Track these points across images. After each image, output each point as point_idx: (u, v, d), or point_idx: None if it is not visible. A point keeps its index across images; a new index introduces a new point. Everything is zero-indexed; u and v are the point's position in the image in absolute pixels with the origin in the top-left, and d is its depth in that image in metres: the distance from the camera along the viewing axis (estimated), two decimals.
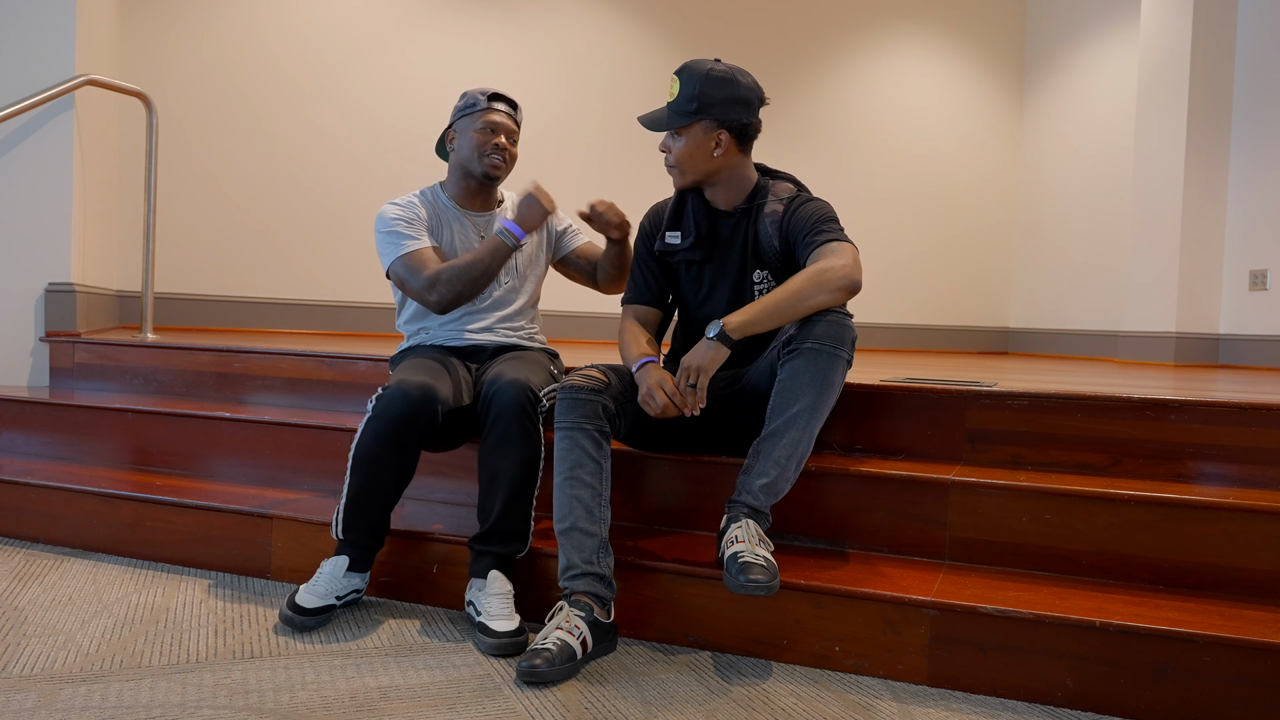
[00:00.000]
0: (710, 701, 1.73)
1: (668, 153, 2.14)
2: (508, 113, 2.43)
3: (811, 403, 1.91)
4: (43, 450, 3.08)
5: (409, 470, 2.12)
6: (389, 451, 2.06)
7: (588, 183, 5.88)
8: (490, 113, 2.40)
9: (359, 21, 5.31)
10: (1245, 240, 5.11)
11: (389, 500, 2.12)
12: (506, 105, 2.44)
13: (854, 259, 1.98)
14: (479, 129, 2.39)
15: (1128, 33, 5.90)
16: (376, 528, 2.13)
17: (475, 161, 2.40)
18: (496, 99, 2.42)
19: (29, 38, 3.51)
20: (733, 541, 1.85)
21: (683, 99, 2.09)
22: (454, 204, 2.47)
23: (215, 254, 5.02)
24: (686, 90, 2.08)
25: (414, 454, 2.11)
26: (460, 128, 2.43)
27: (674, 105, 2.11)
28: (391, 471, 2.08)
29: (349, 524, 2.11)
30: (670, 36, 6.08)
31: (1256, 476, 2.07)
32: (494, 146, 2.39)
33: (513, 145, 2.44)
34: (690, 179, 2.15)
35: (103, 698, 1.64)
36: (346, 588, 2.12)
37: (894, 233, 6.61)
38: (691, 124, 2.09)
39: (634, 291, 2.29)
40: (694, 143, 2.10)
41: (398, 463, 2.08)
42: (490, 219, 2.48)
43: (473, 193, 2.47)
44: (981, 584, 1.94)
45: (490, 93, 2.42)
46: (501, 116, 2.41)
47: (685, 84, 2.09)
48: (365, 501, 2.09)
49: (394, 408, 2.04)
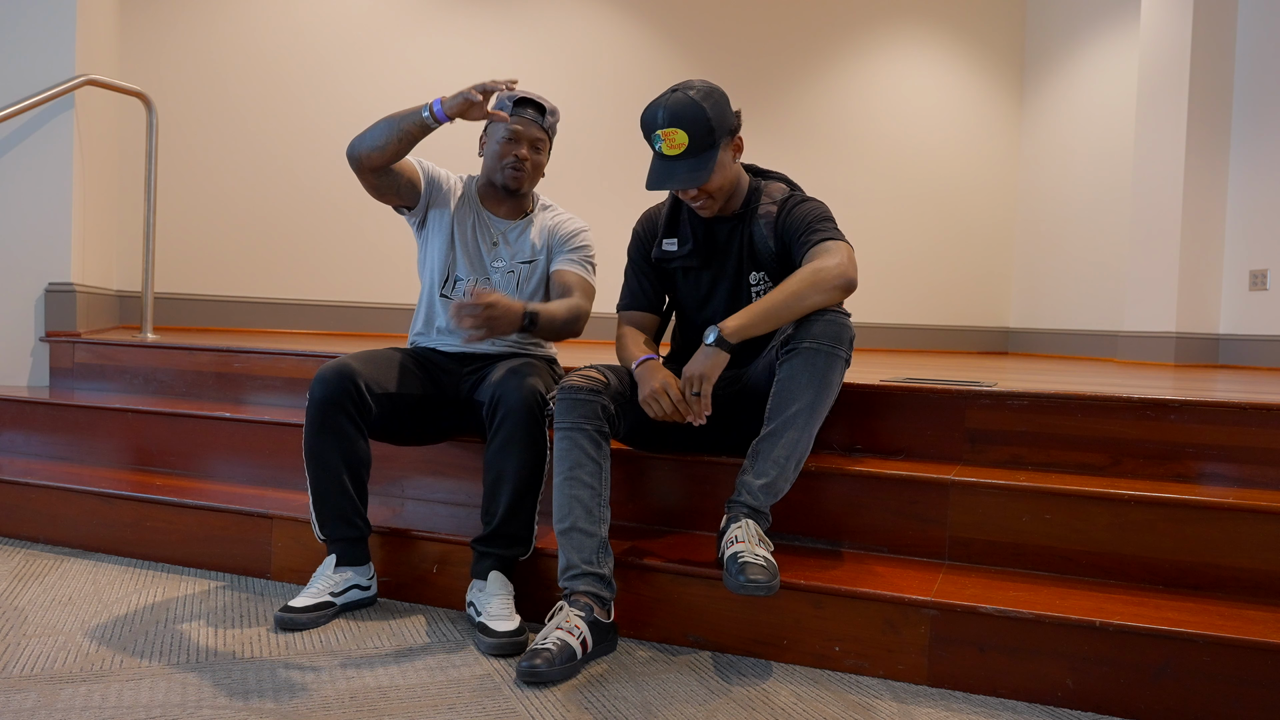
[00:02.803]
0: (710, 701, 1.73)
1: (699, 194, 2.05)
2: (534, 120, 2.33)
3: (810, 402, 1.91)
4: (43, 450, 3.08)
5: (357, 452, 2.14)
6: (323, 436, 2.11)
7: (589, 182, 5.88)
8: (516, 120, 2.32)
9: (359, 21, 5.31)
10: (1245, 240, 5.11)
11: (345, 486, 2.13)
12: (533, 111, 2.34)
13: (849, 258, 1.98)
14: (502, 138, 2.33)
15: (1128, 33, 5.90)
16: (347, 515, 2.14)
17: (498, 172, 2.35)
18: (522, 105, 2.33)
19: (29, 38, 3.51)
20: (732, 541, 1.85)
21: (699, 137, 1.98)
22: (480, 203, 2.43)
23: (215, 254, 5.02)
24: (698, 129, 1.98)
25: (352, 435, 2.12)
26: (490, 132, 2.38)
27: (694, 149, 1.99)
28: (334, 455, 2.11)
29: (320, 519, 2.15)
30: (671, 37, 6.08)
31: (1256, 476, 2.07)
32: (515, 158, 2.33)
33: (537, 154, 2.35)
34: (723, 201, 2.12)
35: (103, 698, 1.64)
36: (342, 584, 2.13)
37: (894, 233, 6.61)
38: (718, 153, 2.02)
39: (629, 298, 2.28)
40: (723, 167, 2.05)
41: (337, 446, 2.11)
42: (509, 226, 2.41)
43: (496, 198, 2.42)
44: (981, 584, 1.94)
45: (517, 98, 2.33)
46: (525, 125, 2.32)
47: (691, 125, 1.97)
48: (323, 491, 2.13)
49: (315, 393, 2.11)
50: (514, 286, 2.40)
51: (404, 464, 2.59)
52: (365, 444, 2.17)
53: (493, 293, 2.01)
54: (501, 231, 2.42)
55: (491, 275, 2.40)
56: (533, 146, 2.35)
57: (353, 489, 2.14)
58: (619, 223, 5.79)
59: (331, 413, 2.10)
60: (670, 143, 1.99)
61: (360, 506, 2.17)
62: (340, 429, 2.11)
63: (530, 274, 2.41)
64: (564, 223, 2.44)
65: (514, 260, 2.40)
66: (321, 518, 2.15)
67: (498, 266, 2.40)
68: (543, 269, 2.43)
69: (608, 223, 5.83)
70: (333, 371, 2.12)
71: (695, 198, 2.07)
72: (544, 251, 2.42)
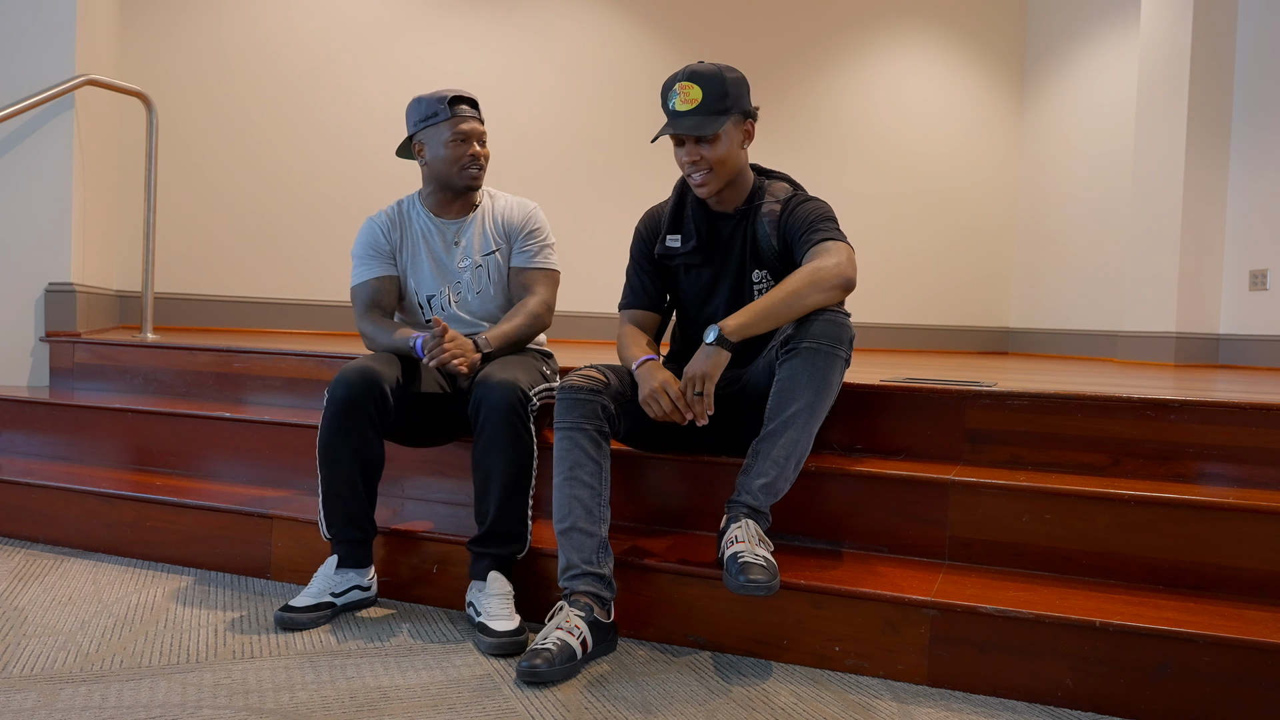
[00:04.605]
0: (710, 701, 1.73)
1: (700, 160, 2.06)
2: (474, 115, 2.34)
3: (810, 402, 1.91)
4: (43, 450, 3.08)
5: (372, 455, 2.14)
6: (341, 437, 2.10)
7: (590, 182, 5.88)
8: (458, 120, 2.31)
9: (359, 21, 5.31)
10: (1245, 240, 5.11)
11: (358, 488, 2.13)
12: (470, 107, 2.34)
13: (848, 257, 1.99)
14: (450, 140, 2.30)
15: (1128, 33, 5.90)
16: (355, 518, 2.14)
17: (455, 176, 2.34)
18: (459, 103, 2.32)
19: (29, 38, 3.51)
20: (732, 541, 1.85)
21: (713, 99, 2.03)
22: (429, 213, 2.42)
23: (215, 254, 5.02)
24: (713, 90, 2.03)
25: (370, 438, 2.12)
26: (426, 138, 2.33)
27: (706, 108, 2.03)
28: (349, 457, 2.10)
29: (328, 519, 2.15)
30: (671, 37, 6.07)
31: (1256, 476, 2.07)
32: (470, 158, 2.33)
33: (484, 147, 2.37)
34: (723, 182, 2.10)
35: (103, 698, 1.64)
36: (342, 585, 2.13)
37: (894, 233, 6.61)
38: (727, 122, 2.05)
39: (631, 296, 2.28)
40: (730, 140, 2.07)
41: (354, 447, 2.10)
42: (461, 225, 2.41)
43: (449, 202, 2.41)
44: (981, 584, 1.94)
45: (449, 97, 2.31)
46: (470, 123, 2.32)
47: (708, 85, 2.03)
48: (334, 492, 2.13)
49: (337, 393, 2.09)
50: (487, 278, 2.42)
51: (404, 464, 2.59)
52: (381, 447, 2.16)
53: (447, 329, 2.14)
54: (456, 231, 2.42)
55: (462, 277, 2.41)
56: (480, 140, 2.36)
57: (364, 492, 2.14)
58: (613, 222, 5.81)
59: (352, 414, 2.09)
60: (685, 97, 2.02)
61: (369, 509, 2.17)
62: (359, 431, 2.10)
63: (497, 264, 2.43)
64: (513, 210, 2.44)
65: (480, 254, 2.42)
66: (330, 517, 2.15)
67: (464, 266, 2.41)
68: (506, 257, 2.44)
69: (603, 222, 5.84)
70: (357, 373, 2.10)
71: (696, 164, 2.06)
72: (502, 240, 2.43)
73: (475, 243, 2.42)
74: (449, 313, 2.42)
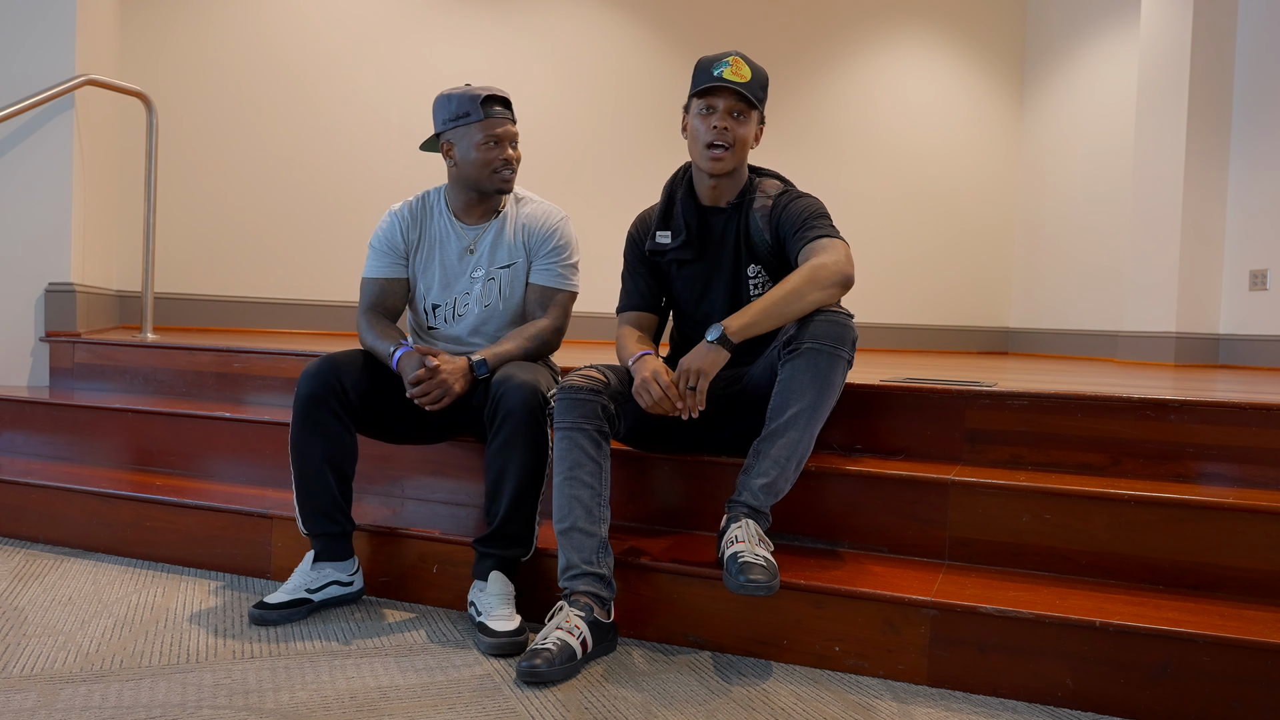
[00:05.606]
0: (710, 701, 1.73)
1: (727, 131, 2.07)
2: (508, 116, 2.23)
3: (811, 403, 1.91)
4: (43, 450, 3.08)
5: (341, 448, 2.15)
6: (306, 431, 2.13)
7: (591, 183, 5.88)
8: (493, 123, 2.20)
9: (360, 21, 5.31)
10: (1245, 240, 5.11)
11: (328, 481, 2.13)
12: (501, 106, 2.22)
13: (846, 255, 2.00)
14: (482, 142, 2.20)
15: (1128, 33, 5.90)
16: (328, 511, 2.15)
17: (485, 180, 2.23)
18: (493, 103, 2.21)
19: (29, 38, 3.51)
20: (733, 541, 1.85)
21: (756, 86, 2.10)
22: (451, 215, 2.34)
23: (215, 254, 5.02)
24: (758, 78, 2.10)
25: (337, 431, 2.13)
26: (456, 138, 2.22)
27: (750, 87, 2.08)
28: (317, 451, 2.12)
29: (303, 514, 2.17)
30: (673, 38, 6.07)
31: (1256, 476, 2.07)
32: (504, 162, 2.22)
33: (517, 149, 2.26)
34: (734, 164, 2.12)
35: (103, 698, 1.64)
36: (319, 580, 2.13)
37: (894, 232, 6.61)
38: (758, 111, 2.12)
39: (627, 299, 2.28)
40: (751, 127, 2.13)
41: (320, 441, 2.12)
42: (481, 231, 2.32)
43: (474, 205, 2.31)
44: (981, 584, 1.94)
45: (482, 96, 2.19)
46: (504, 125, 2.21)
47: (756, 71, 2.10)
48: (306, 487, 2.14)
49: (301, 389, 2.14)
50: (497, 293, 2.33)
51: (404, 464, 2.59)
52: (352, 439, 2.17)
53: (439, 354, 2.15)
54: (474, 237, 2.33)
55: (471, 289, 2.33)
56: (513, 143, 2.26)
57: (335, 485, 2.15)
58: (614, 222, 5.80)
59: (315, 409, 2.12)
60: (736, 70, 2.08)
61: (343, 503, 2.17)
62: (325, 425, 2.12)
63: (511, 278, 2.33)
64: (539, 220, 2.33)
65: (492, 266, 2.33)
66: (304, 513, 2.16)
67: (477, 276, 2.33)
68: (523, 272, 2.34)
69: (602, 223, 5.83)
70: (316, 367, 2.14)
71: (723, 135, 2.08)
72: (521, 252, 2.33)
73: (491, 253, 2.33)
74: (452, 325, 2.36)
